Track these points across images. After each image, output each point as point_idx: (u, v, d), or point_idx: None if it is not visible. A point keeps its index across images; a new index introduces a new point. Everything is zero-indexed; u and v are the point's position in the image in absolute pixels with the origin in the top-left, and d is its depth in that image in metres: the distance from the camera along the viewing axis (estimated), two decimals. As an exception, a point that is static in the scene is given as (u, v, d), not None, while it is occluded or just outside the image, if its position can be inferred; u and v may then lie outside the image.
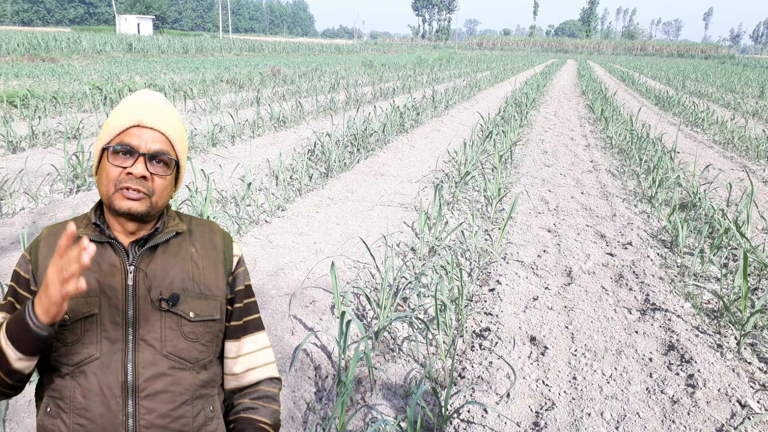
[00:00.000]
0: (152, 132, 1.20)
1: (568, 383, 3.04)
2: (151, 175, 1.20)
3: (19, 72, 18.04)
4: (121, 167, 1.18)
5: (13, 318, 1.12)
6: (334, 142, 8.66)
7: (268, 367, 1.38)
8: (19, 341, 1.10)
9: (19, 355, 1.11)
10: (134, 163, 1.18)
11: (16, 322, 1.10)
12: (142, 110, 1.20)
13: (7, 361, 1.12)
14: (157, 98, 1.25)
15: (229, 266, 1.33)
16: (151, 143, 1.19)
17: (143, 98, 1.24)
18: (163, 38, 45.05)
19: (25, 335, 1.09)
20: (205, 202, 4.93)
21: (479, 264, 4.73)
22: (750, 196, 5.62)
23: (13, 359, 1.12)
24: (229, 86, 17.76)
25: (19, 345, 1.10)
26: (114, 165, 1.18)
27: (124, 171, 1.18)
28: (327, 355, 3.23)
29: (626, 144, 10.02)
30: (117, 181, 1.18)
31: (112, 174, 1.18)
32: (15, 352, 1.11)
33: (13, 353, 1.11)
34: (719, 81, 29.11)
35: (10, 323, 1.12)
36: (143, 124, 1.19)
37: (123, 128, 1.19)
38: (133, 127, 1.20)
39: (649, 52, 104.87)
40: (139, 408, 1.17)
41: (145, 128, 1.20)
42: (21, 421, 2.57)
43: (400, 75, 25.89)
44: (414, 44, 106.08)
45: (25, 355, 1.11)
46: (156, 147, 1.20)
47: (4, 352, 1.11)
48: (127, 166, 1.18)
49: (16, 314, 1.11)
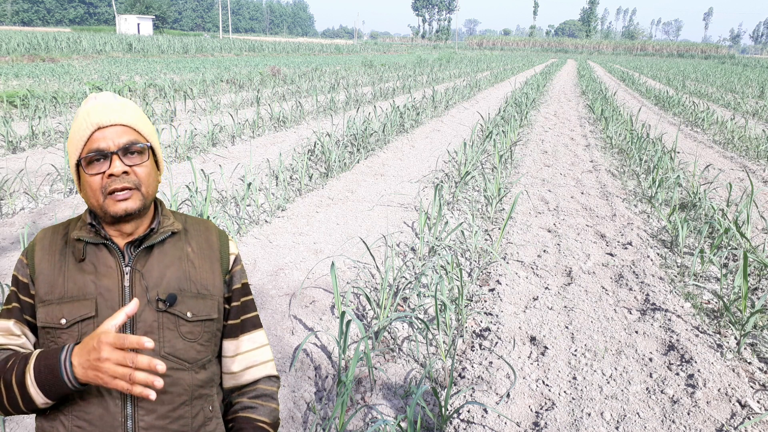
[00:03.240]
0: (115, 128, 1.20)
1: (568, 383, 3.04)
2: (131, 167, 1.20)
3: (19, 72, 18.04)
4: (100, 173, 1.18)
5: (42, 366, 1.10)
6: (334, 142, 8.66)
7: (266, 365, 1.38)
8: (51, 391, 1.11)
9: (47, 400, 1.13)
10: (111, 164, 1.18)
11: (47, 372, 1.10)
12: (96, 113, 1.20)
13: (33, 403, 1.13)
14: (106, 96, 1.25)
15: (225, 265, 1.33)
16: (117, 138, 1.19)
17: (93, 102, 1.23)
18: (163, 38, 45.07)
19: (60, 389, 1.10)
20: (205, 202, 4.93)
21: (479, 264, 4.73)
22: (750, 196, 5.61)
23: (40, 403, 1.13)
24: (229, 86, 17.76)
25: (49, 394, 1.11)
26: (92, 174, 1.19)
27: (104, 175, 1.18)
28: (327, 355, 3.23)
29: (626, 144, 10.01)
30: (102, 187, 1.18)
31: (95, 183, 1.19)
32: (43, 398, 1.12)
33: (41, 399, 1.12)
34: (719, 81, 29.11)
35: (39, 372, 1.11)
36: (102, 124, 1.19)
37: (87, 137, 1.19)
38: (95, 132, 1.19)
39: (649, 52, 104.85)
40: (137, 409, 1.17)
41: (106, 127, 1.20)
42: (21, 421, 2.57)
43: (400, 75, 25.89)
44: (414, 44, 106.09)
45: (53, 401, 1.13)
46: (124, 140, 1.20)
47: (32, 397, 1.12)
48: (105, 169, 1.18)
49: (47, 365, 1.10)
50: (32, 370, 1.11)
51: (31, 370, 1.12)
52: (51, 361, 1.10)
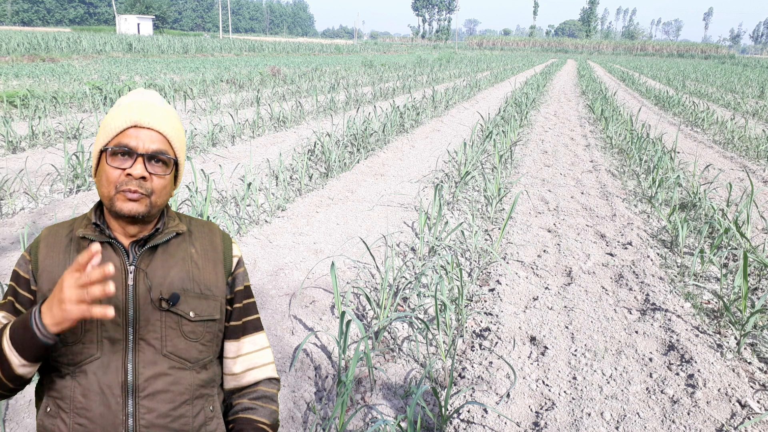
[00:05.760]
0: (150, 132, 1.20)
1: (568, 383, 3.04)
2: (150, 175, 1.19)
3: (19, 72, 18.04)
4: (120, 169, 1.18)
5: (17, 325, 1.11)
6: (334, 142, 8.66)
7: (267, 368, 1.38)
8: (24, 348, 1.10)
9: (23, 361, 1.11)
10: (133, 164, 1.17)
11: (21, 329, 1.10)
12: (138, 110, 1.20)
13: (11, 367, 1.12)
14: (154, 97, 1.24)
15: (228, 267, 1.33)
16: (149, 143, 1.19)
17: (139, 98, 1.23)
18: (163, 38, 45.06)
19: (31, 343, 1.09)
20: (205, 202, 4.93)
21: (479, 264, 4.73)
22: (750, 196, 5.62)
23: (16, 365, 1.12)
24: (229, 86, 17.76)
25: (23, 352, 1.10)
26: (113, 167, 1.18)
27: (123, 172, 1.18)
28: (327, 355, 3.23)
29: (626, 144, 10.02)
30: (117, 183, 1.18)
31: (112, 176, 1.18)
32: (19, 358, 1.11)
33: (16, 359, 1.11)
34: (719, 81, 29.11)
35: (14, 330, 1.11)
36: (140, 124, 1.19)
37: (120, 129, 1.19)
38: (130, 128, 1.19)
39: (649, 52, 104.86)
40: (139, 408, 1.17)
41: (143, 128, 1.19)
42: (21, 421, 2.57)
43: (400, 75, 25.89)
44: (414, 44, 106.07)
45: (28, 361, 1.12)
46: (154, 147, 1.19)
47: (8, 358, 1.12)
48: (126, 167, 1.18)
49: (21, 321, 1.11)
50: (8, 331, 1.12)
51: (7, 331, 1.12)
52: (24, 317, 1.11)
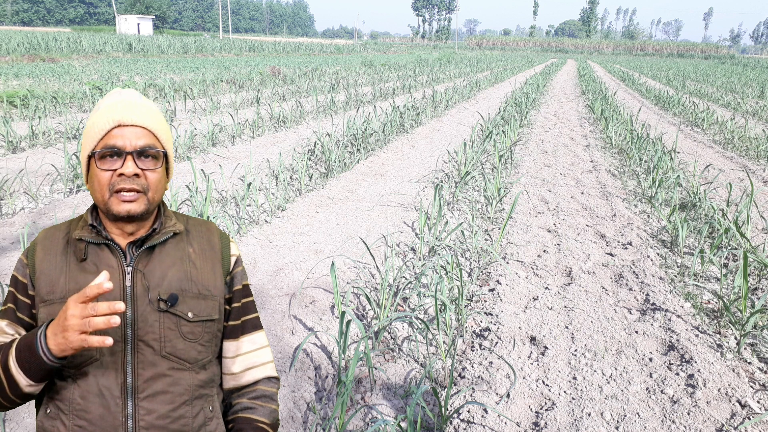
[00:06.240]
0: (134, 128, 1.19)
1: (568, 383, 3.04)
2: (143, 171, 1.19)
3: (19, 72, 18.04)
4: (111, 170, 1.18)
5: (23, 347, 1.12)
6: (334, 142, 8.66)
7: (266, 367, 1.38)
8: (32, 370, 1.12)
9: (30, 381, 1.13)
10: (123, 163, 1.17)
11: (27, 351, 1.11)
12: (120, 109, 1.20)
13: (18, 387, 1.14)
14: (132, 94, 1.24)
15: (226, 266, 1.33)
16: (135, 140, 1.19)
17: (118, 98, 1.23)
18: (163, 38, 45.06)
19: (38, 367, 1.11)
20: (205, 202, 4.93)
21: (479, 264, 4.73)
22: (750, 196, 5.62)
23: (24, 385, 1.14)
24: (229, 86, 17.76)
25: (30, 374, 1.12)
26: (103, 169, 1.18)
27: (114, 173, 1.17)
28: (327, 355, 3.23)
29: (626, 144, 10.01)
30: (110, 185, 1.18)
31: (104, 179, 1.18)
32: (26, 379, 1.13)
33: (24, 380, 1.13)
34: (719, 81, 29.11)
35: (20, 351, 1.12)
36: (124, 122, 1.19)
37: (105, 131, 1.18)
38: (114, 128, 1.19)
39: (649, 52, 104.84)
40: (138, 409, 1.17)
41: (127, 126, 1.19)
42: (21, 421, 2.57)
43: (400, 75, 25.89)
44: (414, 44, 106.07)
45: (35, 382, 1.14)
46: (141, 142, 1.19)
47: (16, 380, 1.13)
48: (117, 167, 1.18)
49: (27, 345, 1.12)
50: (14, 351, 1.13)
51: (13, 352, 1.14)
52: (29, 338, 1.12)
